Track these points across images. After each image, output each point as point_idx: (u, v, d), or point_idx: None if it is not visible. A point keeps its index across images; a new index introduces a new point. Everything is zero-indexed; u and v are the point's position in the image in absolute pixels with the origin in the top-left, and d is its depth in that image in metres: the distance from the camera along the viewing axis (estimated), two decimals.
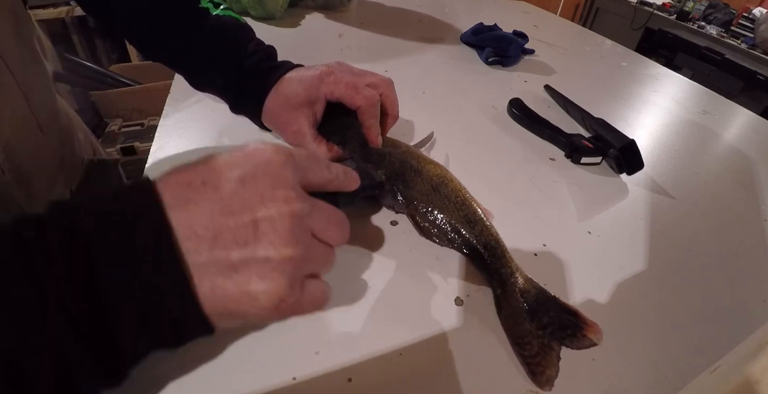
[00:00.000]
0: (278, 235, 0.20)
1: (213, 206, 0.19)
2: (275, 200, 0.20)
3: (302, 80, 0.40)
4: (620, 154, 0.49)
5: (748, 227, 0.47)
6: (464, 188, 0.39)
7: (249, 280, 0.19)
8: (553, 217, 0.43)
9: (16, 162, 0.38)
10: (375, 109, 0.39)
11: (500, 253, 0.34)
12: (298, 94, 0.39)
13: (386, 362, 0.28)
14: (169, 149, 0.43)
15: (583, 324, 0.30)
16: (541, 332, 0.30)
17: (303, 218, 0.21)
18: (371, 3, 0.97)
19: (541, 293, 0.32)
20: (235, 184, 0.20)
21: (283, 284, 0.20)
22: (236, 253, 0.19)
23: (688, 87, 0.83)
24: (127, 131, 1.47)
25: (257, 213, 0.20)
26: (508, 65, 0.74)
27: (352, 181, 0.28)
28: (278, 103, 0.41)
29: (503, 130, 0.56)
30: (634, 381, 0.30)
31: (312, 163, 0.24)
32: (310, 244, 0.22)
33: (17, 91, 0.39)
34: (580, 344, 0.29)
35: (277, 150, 0.22)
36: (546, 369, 0.28)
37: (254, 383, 0.26)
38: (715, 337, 0.34)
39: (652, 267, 0.39)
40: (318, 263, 0.22)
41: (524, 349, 0.29)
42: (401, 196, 0.38)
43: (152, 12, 0.41)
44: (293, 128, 0.40)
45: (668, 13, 2.57)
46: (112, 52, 1.95)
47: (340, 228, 0.24)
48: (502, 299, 0.32)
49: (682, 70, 2.21)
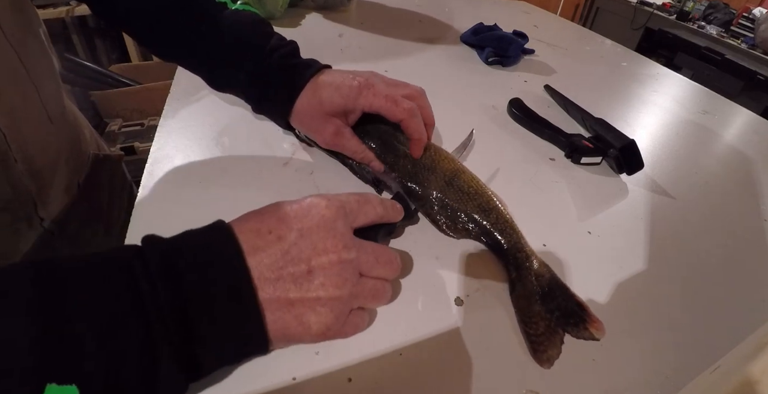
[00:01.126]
0: (328, 278, 0.25)
1: (277, 253, 0.24)
2: (326, 251, 0.25)
3: (339, 88, 0.39)
4: (620, 154, 0.49)
5: (748, 227, 0.47)
6: (477, 178, 0.40)
7: (304, 313, 0.24)
8: (553, 217, 0.43)
9: (28, 153, 0.39)
10: (418, 121, 0.39)
11: (516, 238, 0.36)
12: (335, 101, 0.39)
13: (386, 362, 0.28)
14: (169, 149, 0.43)
15: (588, 318, 0.31)
16: (549, 315, 0.32)
17: (350, 262, 0.26)
18: (371, 3, 0.97)
19: (553, 279, 0.34)
20: (295, 236, 0.25)
21: (330, 317, 0.25)
22: (294, 293, 0.24)
23: (688, 87, 0.83)
24: (127, 131, 1.47)
25: (312, 261, 0.25)
26: (508, 65, 0.74)
27: (398, 213, 0.33)
28: (313, 106, 0.40)
29: (503, 130, 0.56)
30: (634, 381, 0.30)
31: (363, 206, 0.29)
32: (357, 283, 0.26)
33: (28, 81, 0.39)
34: (581, 334, 0.31)
35: (328, 205, 0.27)
36: (548, 349, 0.30)
37: (254, 383, 0.26)
38: (715, 337, 0.34)
39: (652, 267, 0.39)
40: (365, 298, 0.27)
41: (531, 328, 0.31)
42: (414, 198, 0.38)
43: (164, 7, 0.40)
44: (331, 130, 0.40)
45: (668, 13, 2.57)
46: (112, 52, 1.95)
47: (387, 265, 0.28)
48: (516, 281, 0.34)
49: (682, 70, 2.21)
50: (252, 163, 0.44)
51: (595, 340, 0.31)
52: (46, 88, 0.42)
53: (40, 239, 0.42)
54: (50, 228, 0.43)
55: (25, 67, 0.38)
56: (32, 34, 0.41)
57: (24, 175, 0.38)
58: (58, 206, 0.45)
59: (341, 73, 0.40)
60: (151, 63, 1.80)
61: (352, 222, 0.28)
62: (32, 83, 0.39)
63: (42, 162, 0.41)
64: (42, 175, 0.41)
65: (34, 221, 0.41)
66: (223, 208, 0.38)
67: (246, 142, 0.46)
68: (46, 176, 0.42)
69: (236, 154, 0.44)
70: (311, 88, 0.40)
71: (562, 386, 0.29)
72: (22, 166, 0.38)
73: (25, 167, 0.39)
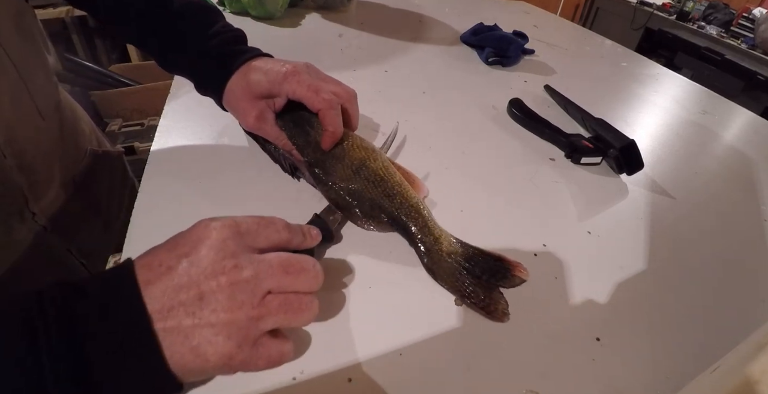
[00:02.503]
0: (220, 303, 0.23)
1: (168, 283, 0.23)
2: (215, 274, 0.23)
3: (267, 73, 0.40)
4: (620, 155, 0.49)
5: (748, 227, 0.47)
6: (389, 166, 0.40)
7: (200, 343, 0.22)
8: (553, 217, 0.43)
9: (17, 147, 0.39)
10: (335, 113, 0.40)
11: (422, 222, 0.36)
12: (261, 85, 0.40)
13: (386, 362, 0.28)
14: (169, 149, 0.43)
15: (509, 266, 0.35)
16: (477, 281, 0.34)
17: (245, 282, 0.24)
18: (371, 3, 0.97)
19: (467, 249, 0.36)
20: (185, 263, 0.23)
21: (229, 346, 0.22)
22: (187, 321, 0.22)
23: (688, 87, 0.83)
24: (127, 131, 1.47)
25: (202, 286, 0.23)
26: (508, 65, 0.74)
27: (311, 240, 0.30)
28: (240, 88, 0.41)
29: (503, 130, 0.56)
30: (633, 381, 0.30)
31: (263, 228, 0.26)
32: (260, 303, 0.24)
33: (16, 77, 0.39)
34: (512, 282, 0.34)
35: (223, 225, 0.25)
36: (497, 305, 0.32)
37: (254, 383, 0.26)
38: (715, 337, 0.34)
39: (652, 267, 0.39)
40: (276, 317, 0.24)
41: (473, 298, 0.33)
42: (318, 182, 0.39)
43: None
44: (254, 113, 0.41)
45: (668, 14, 2.57)
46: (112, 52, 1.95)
47: (299, 276, 0.25)
48: (432, 265, 0.35)
49: (682, 70, 2.21)
50: (251, 163, 0.44)
51: (524, 281, 0.34)
52: (37, 84, 0.42)
53: (33, 234, 0.42)
54: (43, 223, 0.43)
55: (12, 63, 0.38)
56: (21, 30, 0.41)
57: (14, 169, 0.39)
58: (52, 201, 0.45)
59: (275, 61, 0.42)
60: (151, 63, 1.79)
61: (251, 243, 0.25)
62: (21, 79, 0.40)
63: (33, 157, 0.41)
64: (33, 170, 0.41)
65: (26, 215, 0.41)
66: (222, 208, 0.38)
67: (245, 142, 0.46)
68: (38, 171, 0.42)
69: (236, 154, 0.44)
70: (243, 71, 0.41)
71: (562, 386, 0.29)
72: (11, 160, 0.38)
73: (15, 162, 0.39)
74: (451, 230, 0.37)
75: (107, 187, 0.56)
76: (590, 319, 0.33)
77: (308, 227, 0.30)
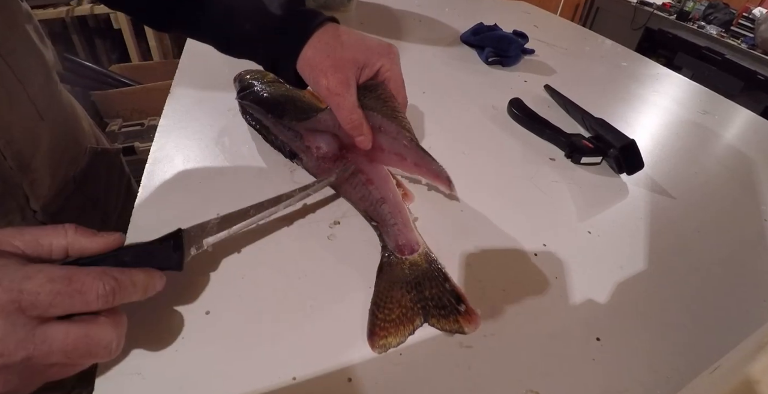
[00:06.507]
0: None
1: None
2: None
3: (365, 39, 0.37)
4: (620, 154, 0.49)
5: (748, 227, 0.47)
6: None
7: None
8: (553, 217, 0.43)
9: (16, 148, 0.39)
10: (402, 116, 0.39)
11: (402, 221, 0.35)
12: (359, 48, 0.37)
13: (386, 362, 0.28)
14: (169, 149, 0.43)
15: (463, 311, 0.30)
16: (412, 305, 0.31)
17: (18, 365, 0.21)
18: (371, 3, 0.97)
19: (432, 270, 0.33)
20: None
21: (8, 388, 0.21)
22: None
23: (688, 87, 0.83)
24: (127, 131, 1.46)
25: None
26: (508, 65, 0.74)
27: (152, 290, 0.25)
28: (331, 47, 0.36)
29: (503, 130, 0.56)
30: (634, 381, 0.30)
31: (63, 298, 0.21)
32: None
33: (13, 79, 0.39)
34: (448, 326, 0.30)
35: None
36: (390, 337, 0.29)
37: (254, 383, 0.26)
38: (715, 337, 0.34)
39: (652, 267, 0.39)
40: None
41: (381, 312, 0.30)
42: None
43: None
44: (340, 76, 0.36)
45: (668, 13, 2.57)
46: (112, 52, 1.95)
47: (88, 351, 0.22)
48: (386, 264, 0.33)
49: (682, 70, 2.21)
50: (251, 163, 0.44)
51: (462, 333, 0.30)
52: (35, 85, 0.42)
53: None
54: (43, 220, 0.43)
55: (8, 66, 0.38)
56: (17, 31, 0.41)
57: (14, 170, 0.39)
58: (52, 198, 0.45)
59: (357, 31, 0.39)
60: (151, 63, 1.80)
61: (41, 313, 0.21)
62: (18, 81, 0.39)
63: (32, 157, 0.41)
64: (32, 169, 0.41)
65: (26, 212, 0.41)
66: (222, 208, 0.38)
67: (245, 142, 0.46)
68: (38, 170, 0.42)
69: (236, 155, 0.44)
70: (330, 31, 0.37)
71: (562, 386, 0.29)
72: (11, 161, 0.38)
73: (15, 163, 0.39)
74: (451, 229, 0.37)
75: (105, 183, 0.56)
76: (590, 319, 0.33)
77: (149, 275, 0.25)
